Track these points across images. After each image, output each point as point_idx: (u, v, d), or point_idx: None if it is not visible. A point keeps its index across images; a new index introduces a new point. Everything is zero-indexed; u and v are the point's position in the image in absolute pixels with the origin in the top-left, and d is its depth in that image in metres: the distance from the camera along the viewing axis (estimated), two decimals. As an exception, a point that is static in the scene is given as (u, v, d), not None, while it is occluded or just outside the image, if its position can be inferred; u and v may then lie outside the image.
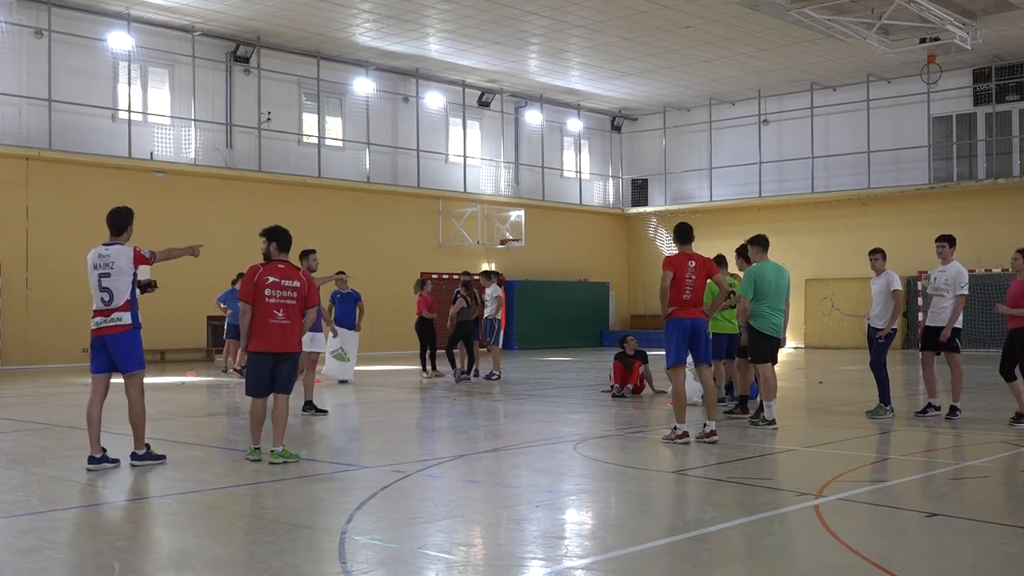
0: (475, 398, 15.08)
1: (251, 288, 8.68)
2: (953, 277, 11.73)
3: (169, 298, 24.50)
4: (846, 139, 31.60)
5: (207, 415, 13.47)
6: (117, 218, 8.64)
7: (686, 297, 10.06)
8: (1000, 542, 5.96)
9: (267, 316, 8.62)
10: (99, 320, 8.47)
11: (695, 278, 10.09)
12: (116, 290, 8.42)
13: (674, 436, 9.92)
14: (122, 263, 8.42)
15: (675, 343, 10.03)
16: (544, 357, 26.63)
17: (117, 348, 8.42)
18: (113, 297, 8.43)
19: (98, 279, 8.46)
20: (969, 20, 24.11)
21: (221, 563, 5.49)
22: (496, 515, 6.79)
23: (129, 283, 8.46)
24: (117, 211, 8.68)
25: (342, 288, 17.01)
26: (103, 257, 8.49)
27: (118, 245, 8.55)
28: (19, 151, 22.25)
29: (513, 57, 28.19)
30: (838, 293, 31.01)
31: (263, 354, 8.66)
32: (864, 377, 19.91)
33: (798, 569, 5.46)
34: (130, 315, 8.44)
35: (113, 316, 8.42)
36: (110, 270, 8.44)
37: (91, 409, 8.50)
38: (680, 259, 10.20)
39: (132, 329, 8.47)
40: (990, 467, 8.66)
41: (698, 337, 10.10)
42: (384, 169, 29.47)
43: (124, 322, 8.43)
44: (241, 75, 26.41)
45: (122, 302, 8.44)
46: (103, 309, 8.45)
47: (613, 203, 36.71)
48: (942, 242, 11.98)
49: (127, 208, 8.73)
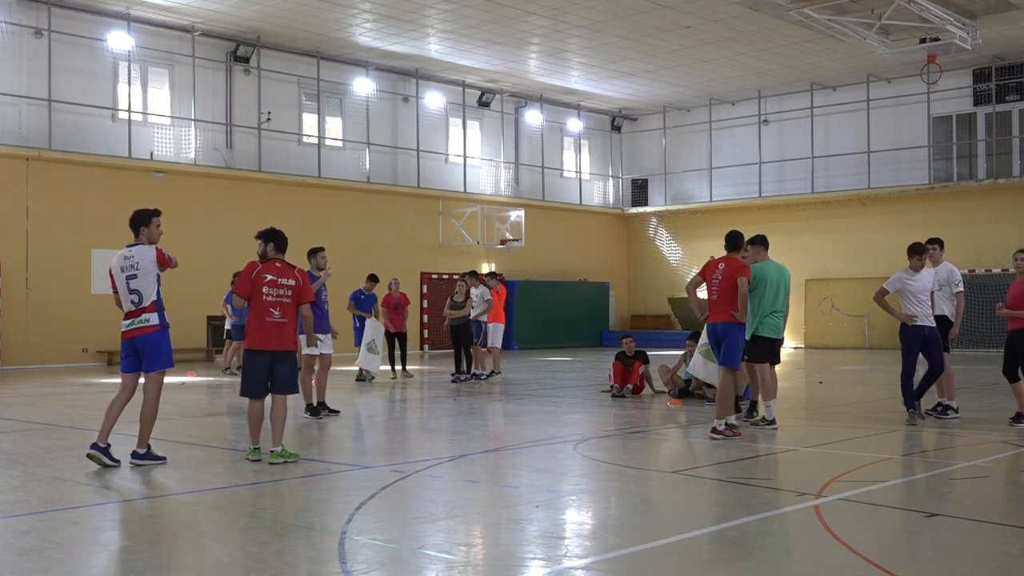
0: (475, 398, 15.07)
1: (248, 284, 8.73)
2: (946, 277, 11.87)
3: (169, 298, 24.52)
4: (846, 139, 31.60)
5: (207, 415, 13.47)
6: (133, 219, 8.75)
7: (713, 298, 10.48)
8: (1000, 542, 5.96)
9: (264, 314, 8.65)
10: (129, 322, 8.57)
11: (721, 279, 10.44)
12: (144, 291, 8.51)
13: (725, 431, 10.17)
14: (146, 264, 8.49)
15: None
16: (544, 357, 26.63)
17: (147, 348, 8.50)
18: (142, 298, 8.51)
19: (126, 281, 8.54)
20: (969, 20, 24.11)
21: (221, 563, 5.49)
22: (496, 515, 6.79)
23: (155, 283, 8.54)
24: (135, 212, 8.78)
25: (367, 291, 17.56)
26: (128, 259, 8.57)
27: (140, 245, 8.62)
28: (19, 151, 22.25)
29: (513, 57, 28.20)
30: (838, 293, 31.01)
31: (259, 353, 8.68)
32: (864, 377, 19.97)
33: (798, 569, 5.46)
34: (157, 315, 8.54)
35: (142, 317, 8.51)
36: (136, 271, 8.51)
37: (114, 403, 8.57)
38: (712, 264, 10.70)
39: (160, 329, 8.55)
40: (990, 467, 8.66)
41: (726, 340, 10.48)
42: (384, 169, 29.47)
43: (152, 323, 8.53)
44: (241, 75, 26.42)
45: (149, 302, 8.53)
46: (133, 311, 8.55)
47: (613, 203, 36.72)
48: (933, 244, 12.10)
49: (144, 209, 8.80)
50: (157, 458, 8.68)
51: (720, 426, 10.13)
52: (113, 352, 23.18)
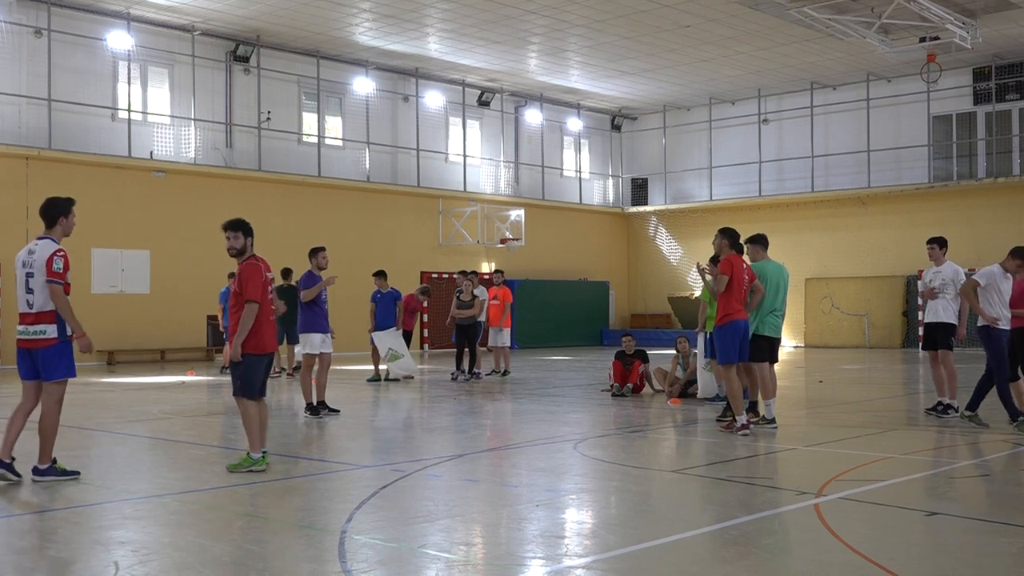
0: (475, 397, 15.08)
1: (260, 287, 8.23)
2: (951, 277, 11.85)
3: (169, 297, 24.59)
4: (846, 138, 31.59)
5: (207, 415, 13.47)
6: (49, 207, 7.76)
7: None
8: (1000, 541, 5.96)
9: (269, 315, 8.38)
10: (24, 328, 7.67)
11: (747, 277, 10.65)
12: (37, 295, 7.57)
13: (737, 428, 10.36)
14: (40, 264, 7.57)
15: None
16: (544, 356, 26.63)
17: (43, 359, 7.65)
18: (34, 303, 7.59)
19: (25, 278, 7.63)
20: (969, 19, 24.10)
21: (221, 563, 5.49)
22: (496, 514, 6.78)
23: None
24: (52, 200, 7.80)
25: (382, 288, 17.36)
26: (31, 254, 7.66)
27: (47, 240, 7.71)
28: (19, 151, 22.24)
29: (513, 56, 28.19)
30: (838, 292, 31.02)
31: (264, 356, 8.38)
32: (864, 376, 19.97)
33: (798, 568, 5.46)
34: (56, 328, 7.61)
35: (37, 328, 7.60)
36: (33, 270, 7.59)
37: (15, 413, 7.82)
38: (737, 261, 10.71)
39: (59, 343, 7.63)
40: (990, 466, 8.66)
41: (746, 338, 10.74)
42: (384, 168, 29.47)
43: (49, 336, 7.61)
44: (241, 75, 26.41)
45: (46, 310, 7.60)
46: (28, 315, 7.63)
47: (613, 202, 36.71)
48: (932, 244, 12.10)
49: (59, 198, 7.81)
50: (66, 473, 7.84)
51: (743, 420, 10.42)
52: (114, 352, 23.22)
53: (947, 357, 11.81)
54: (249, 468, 8.17)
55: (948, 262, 12.02)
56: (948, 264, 11.99)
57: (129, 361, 23.51)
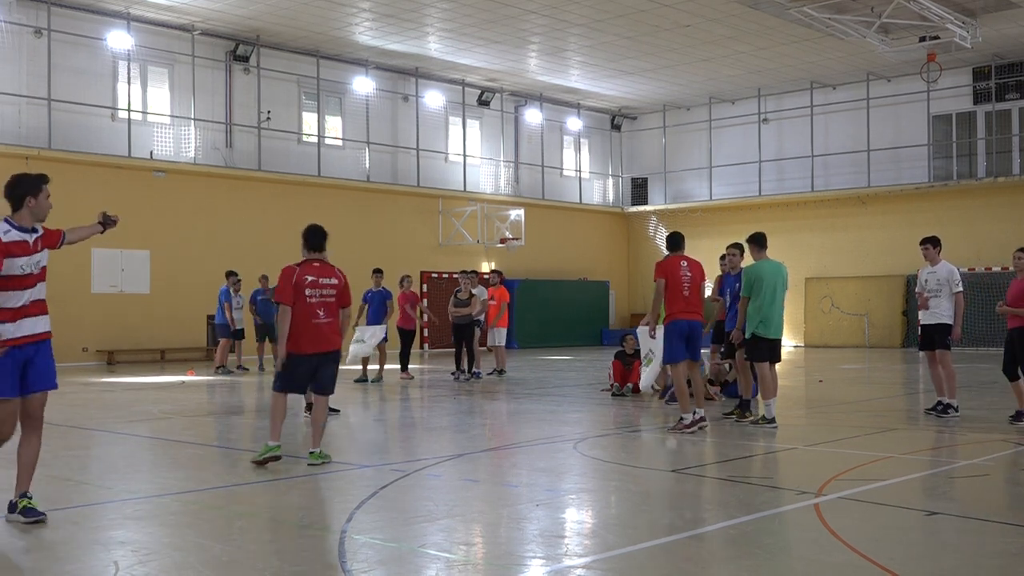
0: (475, 397, 15.07)
1: (290, 290, 8.37)
2: (946, 277, 11.85)
3: (169, 297, 24.60)
4: (846, 138, 31.59)
5: (207, 414, 13.47)
6: (15, 185, 6.33)
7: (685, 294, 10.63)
8: (1000, 540, 5.96)
9: (310, 317, 8.41)
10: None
11: (691, 274, 10.67)
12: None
13: (682, 427, 10.41)
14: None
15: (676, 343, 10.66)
16: (544, 356, 26.63)
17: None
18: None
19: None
20: (969, 19, 24.11)
21: (221, 563, 5.49)
22: (496, 514, 6.78)
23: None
24: (17, 177, 6.39)
25: (375, 286, 17.30)
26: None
27: (4, 223, 6.23)
28: (19, 150, 22.21)
29: (513, 56, 28.19)
30: (838, 292, 31.03)
31: (305, 356, 8.44)
32: (864, 376, 19.98)
33: (798, 568, 5.46)
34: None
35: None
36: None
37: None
38: (673, 262, 10.73)
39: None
40: (990, 465, 8.66)
41: (693, 335, 10.75)
42: (384, 168, 29.47)
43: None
44: (241, 74, 26.41)
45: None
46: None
47: (613, 202, 36.71)
48: (926, 244, 12.10)
49: (27, 175, 6.41)
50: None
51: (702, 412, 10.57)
52: (113, 352, 23.21)
53: (945, 357, 11.82)
54: (265, 454, 8.37)
55: (943, 261, 12.02)
56: (943, 264, 11.99)
57: (129, 361, 23.51)
